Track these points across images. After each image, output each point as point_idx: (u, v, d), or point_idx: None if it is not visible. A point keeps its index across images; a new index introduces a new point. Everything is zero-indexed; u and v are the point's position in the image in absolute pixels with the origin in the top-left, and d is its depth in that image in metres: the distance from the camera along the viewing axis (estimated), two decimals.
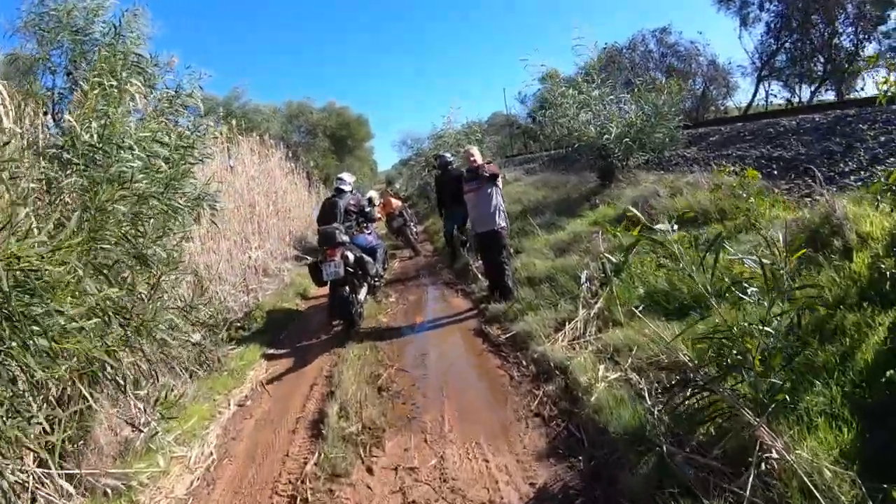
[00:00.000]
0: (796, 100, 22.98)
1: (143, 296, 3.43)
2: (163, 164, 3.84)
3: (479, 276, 7.34)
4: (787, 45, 22.76)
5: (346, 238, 6.43)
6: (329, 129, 26.53)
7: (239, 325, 7.00)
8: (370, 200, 12.11)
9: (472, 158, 6.50)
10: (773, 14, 22.29)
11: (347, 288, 6.18)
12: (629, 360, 3.71)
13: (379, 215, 7.84)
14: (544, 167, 15.10)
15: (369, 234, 7.64)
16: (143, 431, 3.60)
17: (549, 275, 6.21)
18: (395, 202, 11.77)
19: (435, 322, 6.48)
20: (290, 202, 14.68)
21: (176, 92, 4.41)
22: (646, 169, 9.59)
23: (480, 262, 7.04)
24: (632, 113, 9.54)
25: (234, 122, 12.74)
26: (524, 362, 4.59)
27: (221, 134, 11.38)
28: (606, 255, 4.15)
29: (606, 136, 9.06)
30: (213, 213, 5.06)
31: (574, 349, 4.32)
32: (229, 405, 4.67)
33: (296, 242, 12.75)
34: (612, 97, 9.93)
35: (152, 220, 3.59)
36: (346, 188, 7.35)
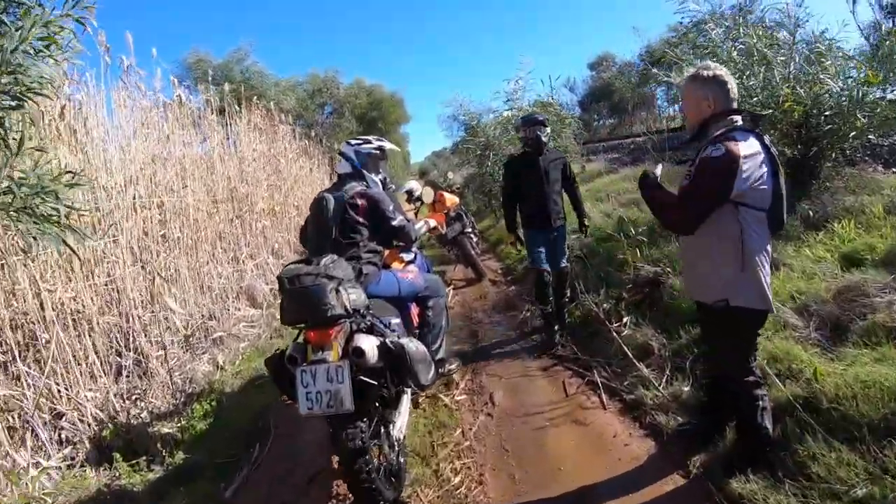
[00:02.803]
0: None
1: None
2: None
3: (645, 369, 3.73)
4: None
5: (352, 295, 2.65)
6: (358, 109, 22.94)
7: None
8: (410, 195, 8.43)
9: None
10: None
11: (362, 427, 2.56)
12: None
13: (432, 223, 3.86)
14: (643, 155, 11.17)
15: (408, 267, 4.01)
16: None
17: (850, 393, 2.74)
18: (451, 198, 8.01)
19: None
20: (300, 196, 11.24)
21: None
22: (848, 162, 5.75)
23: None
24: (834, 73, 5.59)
25: (226, 87, 9.37)
26: None
27: (209, 104, 8.09)
28: None
29: (815, 105, 5.11)
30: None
31: None
32: None
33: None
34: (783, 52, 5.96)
35: None
36: (349, 165, 3.56)
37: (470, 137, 11.07)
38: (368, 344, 2.57)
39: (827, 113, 4.99)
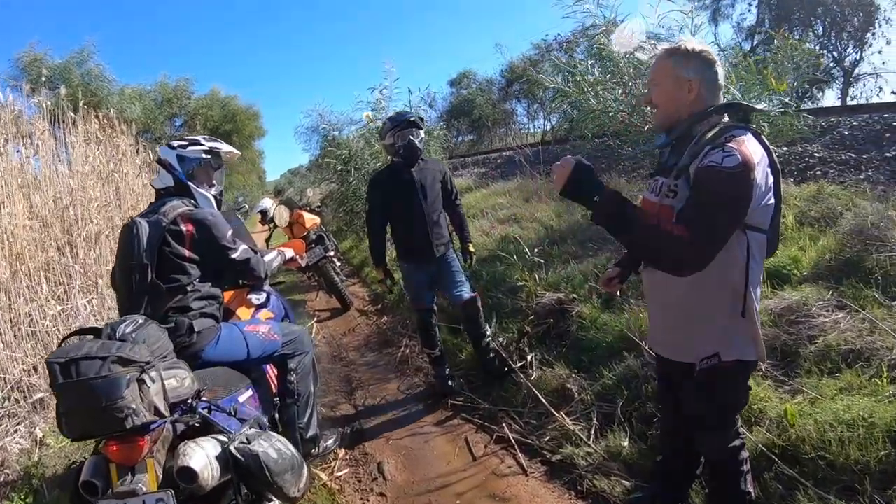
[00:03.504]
0: None
1: None
2: None
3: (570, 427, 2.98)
4: None
5: (170, 381, 1.70)
6: (211, 122, 21.03)
7: None
8: (264, 216, 7.29)
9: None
10: None
11: None
12: None
13: (289, 254, 2.88)
14: (514, 168, 10.68)
15: (260, 315, 3.00)
16: None
17: (834, 436, 2.30)
18: (310, 218, 6.96)
19: None
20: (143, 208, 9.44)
21: None
22: None
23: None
24: None
25: (62, 90, 7.78)
26: None
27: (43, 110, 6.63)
28: None
29: None
30: None
31: None
32: None
33: None
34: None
35: None
36: (170, 177, 2.51)
37: (331, 149, 10.04)
38: (202, 460, 1.61)
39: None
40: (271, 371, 2.82)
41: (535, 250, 4.69)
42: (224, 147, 2.71)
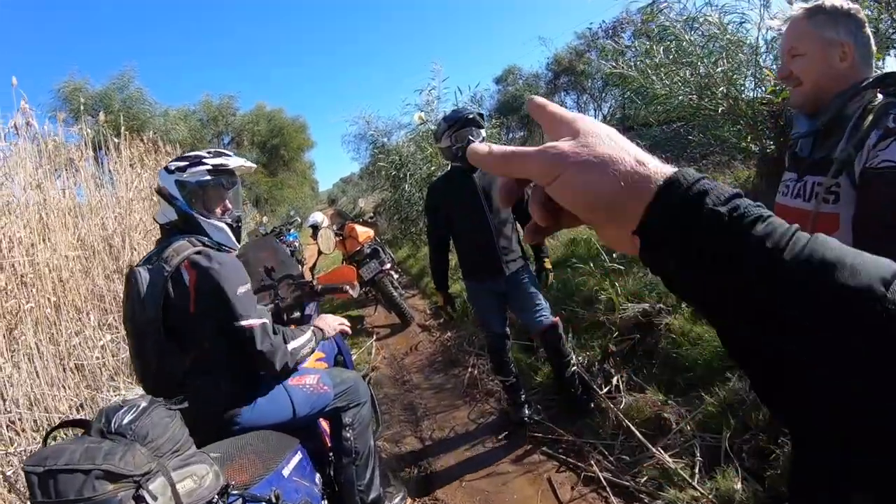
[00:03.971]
0: None
1: None
2: None
3: None
4: None
5: (185, 482, 1.33)
6: (258, 136, 21.25)
7: None
8: (315, 230, 7.09)
9: None
10: None
11: None
12: None
13: (330, 331, 2.37)
14: None
15: (307, 364, 2.51)
16: None
17: None
18: (363, 232, 6.71)
19: None
20: None
21: None
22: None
23: None
24: None
25: (102, 116, 7.91)
26: None
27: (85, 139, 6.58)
28: None
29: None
30: None
31: None
32: None
33: None
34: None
35: None
36: (172, 210, 2.08)
37: (381, 156, 9.81)
38: None
39: None
40: (324, 424, 2.47)
41: (614, 255, 4.19)
42: (234, 161, 2.20)
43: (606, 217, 0.46)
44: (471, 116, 3.26)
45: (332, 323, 2.43)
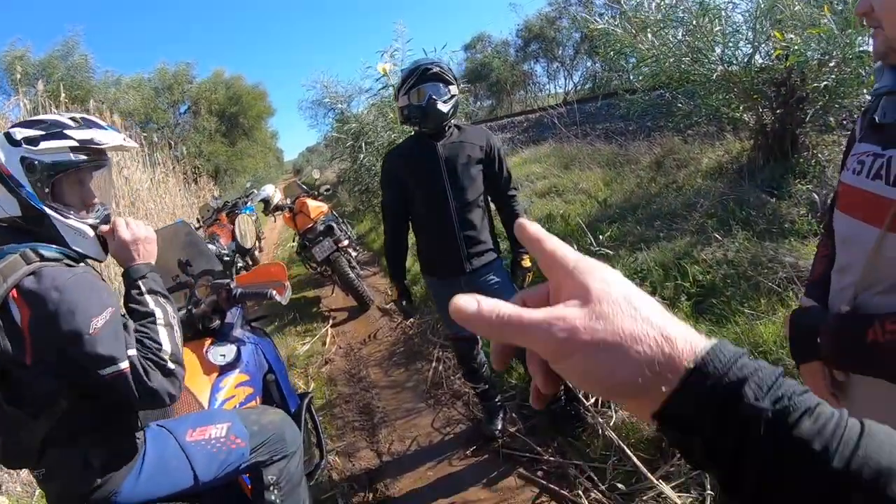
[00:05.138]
0: None
1: None
2: None
3: None
4: None
5: None
6: (216, 105, 20.24)
7: None
8: (267, 205, 6.52)
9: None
10: None
11: None
12: None
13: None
14: (545, 132, 9.64)
15: (227, 382, 2.03)
16: None
17: None
18: (316, 207, 6.09)
19: None
20: (142, 217, 9.12)
21: None
22: (826, 130, 4.52)
23: None
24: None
25: (40, 86, 7.42)
26: None
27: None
28: None
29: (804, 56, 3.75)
30: None
31: None
32: None
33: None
34: None
35: None
36: (13, 199, 1.39)
37: (338, 125, 9.11)
38: None
39: (832, 64, 3.65)
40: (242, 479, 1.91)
41: (601, 237, 3.64)
42: (109, 137, 1.52)
43: (621, 398, 0.39)
44: (432, 70, 2.58)
45: (133, 244, 1.54)
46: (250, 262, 7.57)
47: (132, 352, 1.34)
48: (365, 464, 3.15)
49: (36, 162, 1.42)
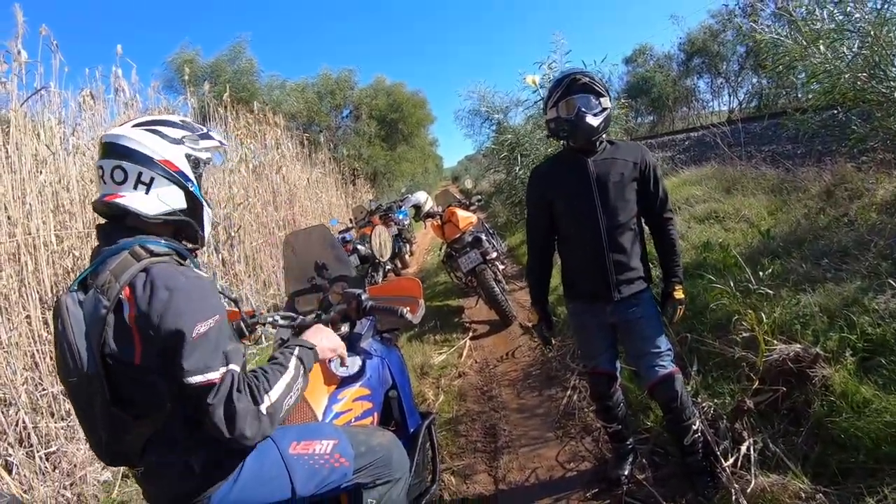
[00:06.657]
0: None
1: None
2: None
3: None
4: None
5: None
6: (377, 111, 21.23)
7: None
8: (417, 211, 6.77)
9: None
10: None
11: None
12: None
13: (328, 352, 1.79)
14: (707, 152, 8.95)
15: (345, 394, 2.04)
16: None
17: None
18: (465, 218, 6.18)
19: None
20: (298, 211, 10.11)
21: None
22: None
23: None
24: None
25: (206, 87, 8.33)
26: None
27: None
28: None
29: None
30: None
31: None
32: None
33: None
34: None
35: None
36: (180, 192, 1.56)
37: (495, 135, 9.20)
38: None
39: None
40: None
41: (762, 273, 3.24)
42: (209, 142, 1.68)
43: None
44: (582, 80, 2.46)
45: (327, 342, 1.75)
46: (399, 265, 7.88)
47: (234, 367, 1.38)
48: (480, 488, 3.12)
49: (198, 159, 1.62)
